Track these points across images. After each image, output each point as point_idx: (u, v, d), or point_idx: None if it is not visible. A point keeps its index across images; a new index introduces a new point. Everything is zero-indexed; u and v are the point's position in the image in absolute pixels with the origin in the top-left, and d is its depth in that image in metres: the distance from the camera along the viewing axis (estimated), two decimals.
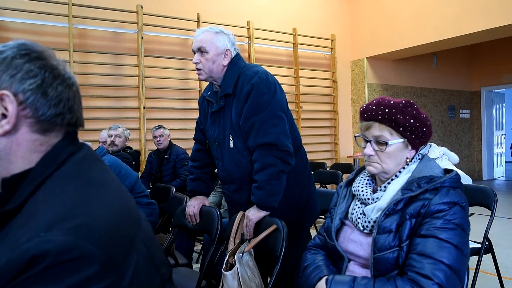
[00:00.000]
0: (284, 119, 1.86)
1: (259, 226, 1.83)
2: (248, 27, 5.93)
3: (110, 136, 4.10)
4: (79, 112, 0.80)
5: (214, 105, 1.97)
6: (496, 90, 9.36)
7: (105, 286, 0.63)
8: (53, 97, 0.74)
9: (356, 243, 1.36)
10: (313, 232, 2.10)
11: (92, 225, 0.65)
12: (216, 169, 2.11)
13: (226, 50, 1.91)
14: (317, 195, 2.13)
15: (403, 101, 1.34)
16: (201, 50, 1.90)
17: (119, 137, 4.11)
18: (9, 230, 0.68)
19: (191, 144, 4.61)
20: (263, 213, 1.84)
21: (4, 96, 0.71)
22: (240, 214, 1.90)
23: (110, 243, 0.66)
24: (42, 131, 0.74)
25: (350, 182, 1.52)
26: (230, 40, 1.95)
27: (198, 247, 3.80)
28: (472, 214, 1.57)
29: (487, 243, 2.48)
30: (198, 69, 1.93)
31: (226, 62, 1.92)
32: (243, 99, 1.84)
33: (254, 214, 1.84)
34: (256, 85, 1.82)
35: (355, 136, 1.48)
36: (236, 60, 1.94)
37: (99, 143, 4.27)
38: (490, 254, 2.59)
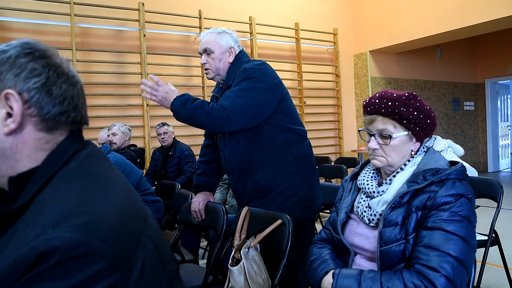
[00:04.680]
0: (258, 102, 1.89)
1: (265, 221, 1.83)
2: (250, 22, 5.91)
3: (108, 136, 4.12)
4: (84, 110, 0.81)
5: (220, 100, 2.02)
6: (500, 82, 9.28)
7: (113, 282, 0.63)
8: (58, 95, 0.74)
9: (362, 236, 1.36)
10: (318, 227, 2.09)
11: (100, 221, 0.65)
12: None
13: (230, 48, 2.02)
14: (320, 188, 2.14)
15: (406, 94, 1.33)
16: (206, 51, 2.01)
17: (115, 134, 4.10)
18: (17, 227, 0.68)
19: (195, 141, 4.65)
20: (166, 102, 1.97)
21: (9, 95, 0.71)
22: (245, 209, 1.90)
23: (118, 240, 0.66)
24: (47, 130, 0.74)
25: (355, 176, 1.51)
26: (233, 38, 2.05)
27: (204, 243, 3.82)
28: (478, 206, 1.56)
29: (493, 235, 2.47)
30: (206, 69, 2.05)
31: (231, 59, 2.02)
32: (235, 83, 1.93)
33: (164, 93, 1.95)
34: (248, 69, 1.91)
35: (359, 130, 1.48)
36: (240, 56, 2.03)
37: (99, 144, 4.21)
38: (496, 246, 2.58)
